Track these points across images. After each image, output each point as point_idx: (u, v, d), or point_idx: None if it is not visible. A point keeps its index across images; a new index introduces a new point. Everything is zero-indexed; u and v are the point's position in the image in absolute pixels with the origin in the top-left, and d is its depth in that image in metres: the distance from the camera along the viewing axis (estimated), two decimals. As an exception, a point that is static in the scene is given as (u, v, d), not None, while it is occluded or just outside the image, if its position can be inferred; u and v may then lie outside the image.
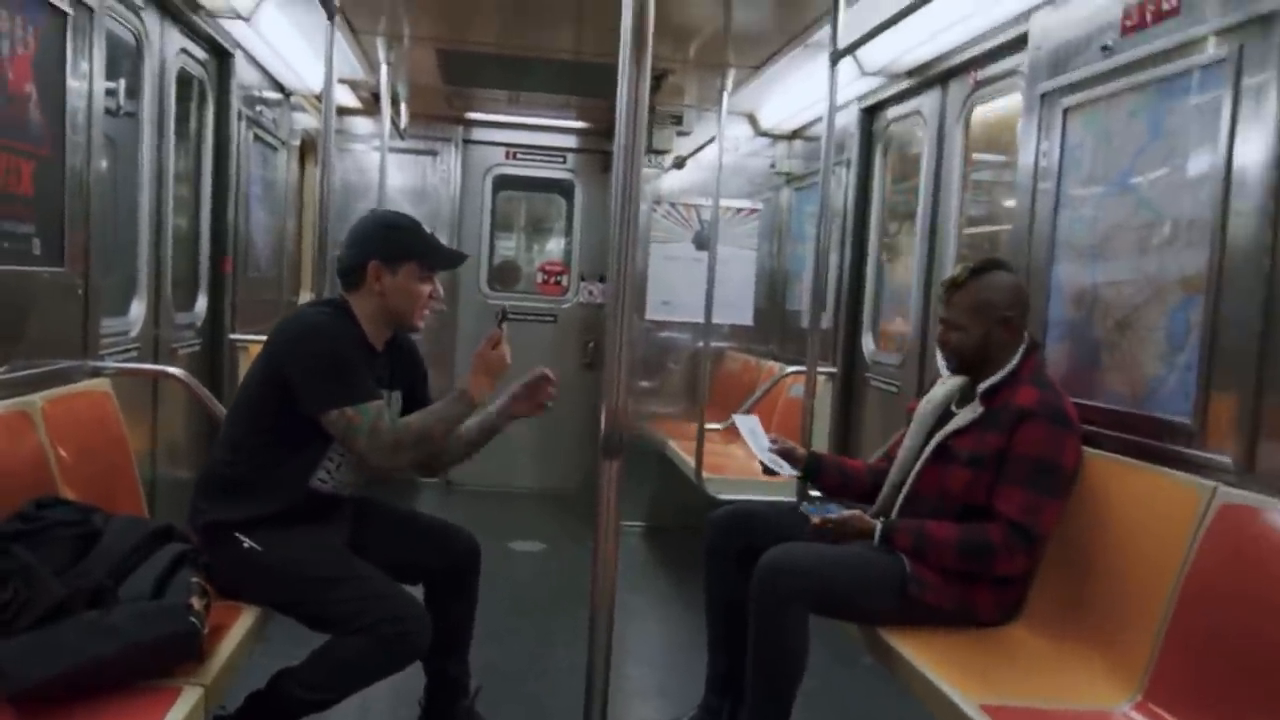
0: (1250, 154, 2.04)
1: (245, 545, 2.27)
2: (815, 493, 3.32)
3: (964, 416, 2.44)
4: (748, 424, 2.91)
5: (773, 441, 2.84)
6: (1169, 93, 2.30)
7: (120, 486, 2.60)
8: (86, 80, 2.62)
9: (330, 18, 3.18)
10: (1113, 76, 2.47)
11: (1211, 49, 2.17)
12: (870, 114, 4.32)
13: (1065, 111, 2.66)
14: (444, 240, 5.96)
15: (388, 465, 2.33)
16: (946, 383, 2.65)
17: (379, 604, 2.21)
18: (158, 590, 1.93)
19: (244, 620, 2.21)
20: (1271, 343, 1.98)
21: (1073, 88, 2.64)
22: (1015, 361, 2.42)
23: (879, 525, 2.44)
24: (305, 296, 5.43)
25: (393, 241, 2.42)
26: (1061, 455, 2.31)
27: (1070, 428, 2.33)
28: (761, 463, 2.82)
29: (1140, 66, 2.37)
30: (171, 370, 3.15)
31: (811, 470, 2.82)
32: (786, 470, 2.82)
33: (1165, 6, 2.29)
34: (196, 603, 1.92)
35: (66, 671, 1.73)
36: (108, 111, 2.88)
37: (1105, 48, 2.49)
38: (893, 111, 4.15)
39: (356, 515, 2.55)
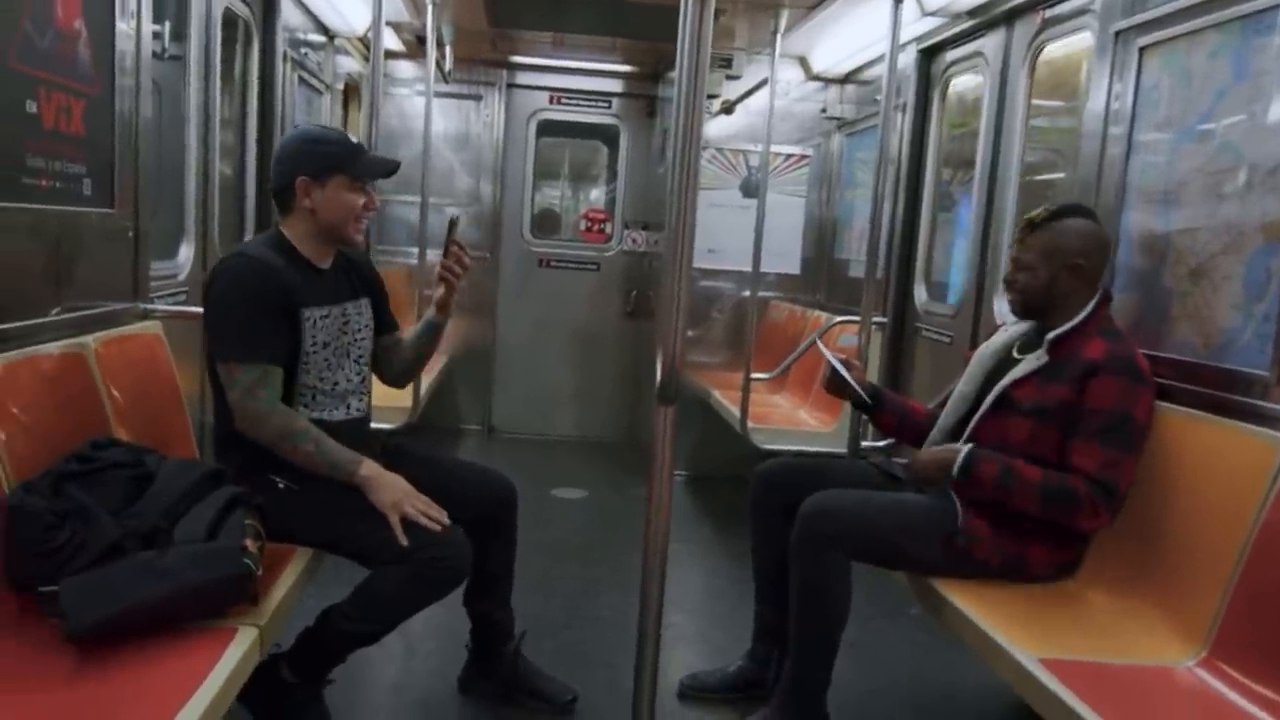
0: (1344, 94, 1.93)
1: (281, 486, 2.28)
2: (866, 443, 3.28)
3: (1027, 364, 2.36)
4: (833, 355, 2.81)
5: (845, 364, 2.76)
6: (1255, 30, 2.18)
7: (172, 428, 2.63)
8: (135, 19, 2.59)
9: (377, -44, 3.13)
10: (1194, 14, 2.35)
11: (1302, -17, 2.05)
12: (928, 56, 4.18)
13: (1141, 51, 2.54)
14: (488, 187, 6.03)
15: (245, 429, 2.25)
16: (1008, 330, 2.57)
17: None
18: (211, 532, 1.93)
19: (297, 561, 2.22)
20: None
21: (1149, 26, 2.51)
22: (1086, 312, 2.33)
23: (964, 451, 2.34)
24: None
25: (317, 155, 2.35)
26: (1135, 408, 2.23)
27: (1143, 381, 2.25)
28: (855, 393, 2.73)
29: (1225, 3, 2.25)
30: (220, 313, 3.14)
31: (870, 406, 2.76)
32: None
33: (1255, -63, 2.17)
34: (250, 544, 1.92)
35: (123, 612, 1.74)
36: (154, 54, 2.85)
37: (1187, -18, 2.37)
38: (952, 53, 4.01)
39: (390, 459, 2.54)
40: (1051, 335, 2.34)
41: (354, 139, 2.45)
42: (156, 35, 2.97)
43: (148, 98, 2.72)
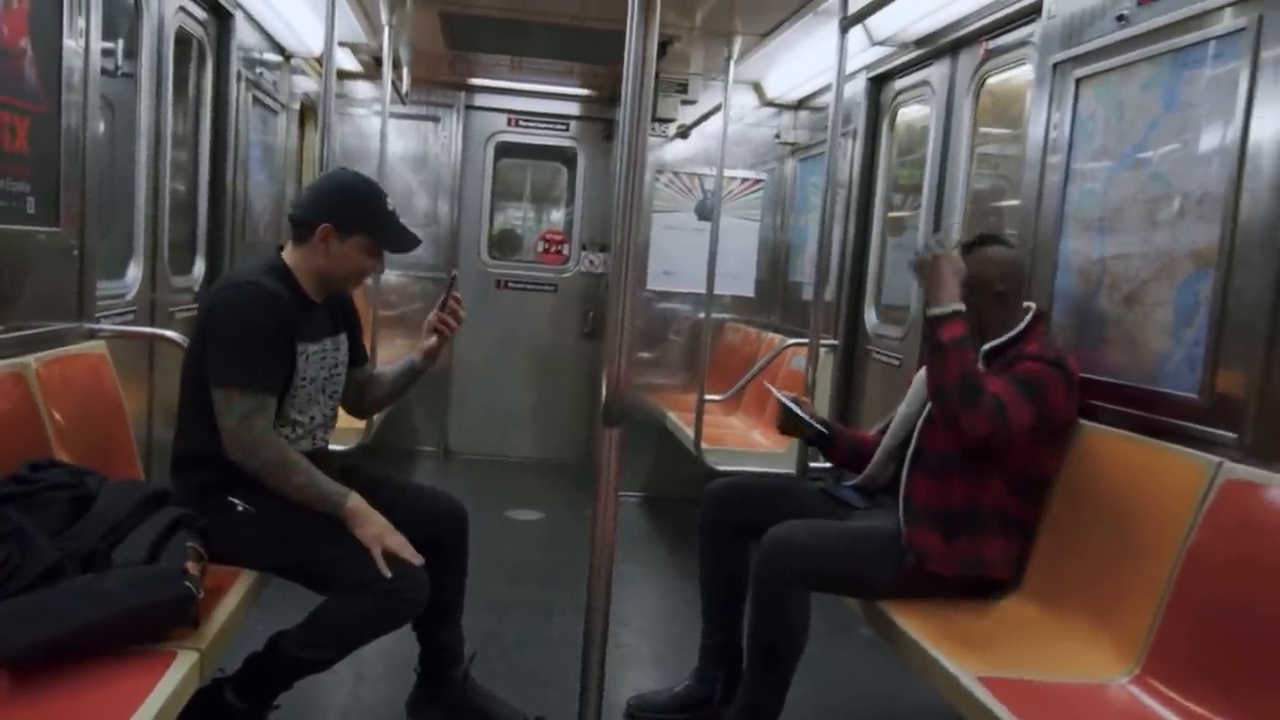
0: (1267, 127, 2.00)
1: (239, 509, 2.26)
2: (815, 464, 3.32)
3: None
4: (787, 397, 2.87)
5: (794, 402, 2.81)
6: (1185, 64, 2.25)
7: (116, 450, 2.59)
8: (83, 37, 2.58)
9: (332, -23, 3.13)
10: (1127, 47, 2.43)
11: (1229, 19, 2.13)
12: (878, 84, 4.27)
13: (1078, 83, 2.62)
14: (446, 208, 6.02)
15: (238, 457, 2.24)
16: None
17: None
18: (152, 554, 1.91)
19: (240, 584, 2.20)
20: (1283, 319, 1.96)
21: (1086, 58, 2.59)
22: (1023, 326, 2.42)
23: (939, 310, 2.32)
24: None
25: (350, 212, 2.36)
26: (1047, 386, 2.29)
27: (1067, 376, 2.32)
28: (811, 428, 2.79)
29: (1156, 37, 2.33)
30: (168, 334, 3.11)
31: (821, 441, 2.81)
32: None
33: (1184, -26, 2.25)
34: (192, 567, 1.91)
35: (60, 636, 1.71)
36: (105, 72, 2.83)
37: (1121, 17, 2.45)
38: (900, 82, 4.10)
39: (345, 479, 2.53)
40: (987, 346, 2.41)
41: (390, 205, 2.44)
42: (109, 53, 2.95)
43: (96, 115, 2.70)
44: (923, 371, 2.65)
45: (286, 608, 2.27)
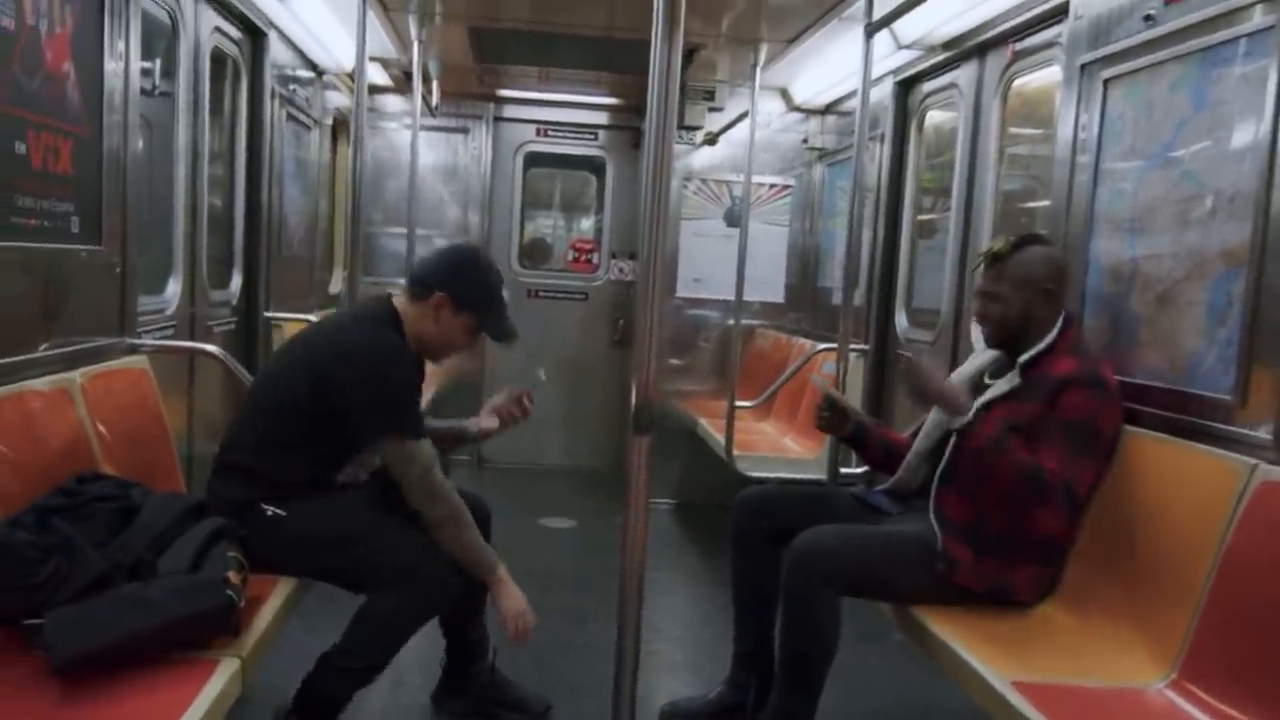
0: (1297, 124, 1.99)
1: (270, 514, 2.31)
2: (846, 470, 3.32)
3: (1000, 386, 2.41)
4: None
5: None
6: (1213, 62, 2.24)
7: (158, 462, 2.65)
8: (123, 60, 2.64)
9: (363, -5, 3.18)
10: (1155, 47, 2.42)
11: (1258, 17, 2.11)
12: (905, 87, 4.26)
13: (1106, 83, 2.61)
14: (476, 219, 6.07)
15: (419, 503, 2.33)
16: (978, 357, 2.62)
17: (406, 552, 2.27)
18: (195, 564, 1.96)
19: (279, 592, 2.24)
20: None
21: (1114, 59, 2.58)
22: (1054, 334, 2.40)
23: (963, 423, 2.34)
24: (338, 275, 5.47)
25: (471, 290, 2.45)
26: (1101, 420, 2.28)
27: (1109, 393, 2.30)
28: (857, 416, 2.81)
29: (1184, 36, 2.32)
30: (207, 348, 3.18)
31: (856, 439, 2.81)
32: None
33: (1211, -27, 2.24)
34: (234, 576, 1.95)
35: (107, 644, 1.76)
36: (143, 92, 2.90)
37: (1148, 17, 2.43)
38: (928, 85, 4.09)
39: (373, 481, 2.58)
40: (1024, 358, 2.39)
41: (505, 294, 2.53)
42: (146, 72, 3.02)
43: (136, 136, 2.76)
44: (952, 377, 2.65)
45: (325, 615, 2.31)
